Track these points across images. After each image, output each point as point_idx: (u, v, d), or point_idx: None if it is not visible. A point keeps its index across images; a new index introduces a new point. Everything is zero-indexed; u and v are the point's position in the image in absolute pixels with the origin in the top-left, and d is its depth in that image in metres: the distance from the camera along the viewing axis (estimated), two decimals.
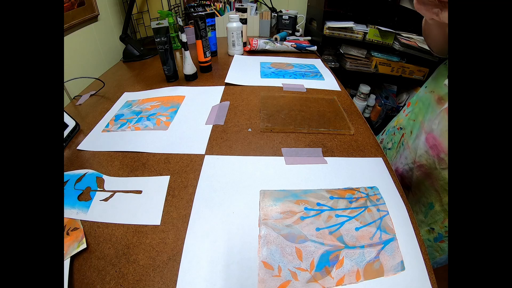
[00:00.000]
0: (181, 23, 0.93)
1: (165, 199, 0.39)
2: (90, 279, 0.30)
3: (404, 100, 1.42)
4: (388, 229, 0.35)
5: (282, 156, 0.46)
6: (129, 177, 0.43)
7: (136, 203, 0.39)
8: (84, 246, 0.33)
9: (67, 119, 0.54)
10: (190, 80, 0.74)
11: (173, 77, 0.74)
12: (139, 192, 0.41)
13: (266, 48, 0.94)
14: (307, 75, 0.77)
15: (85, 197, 0.40)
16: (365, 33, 1.17)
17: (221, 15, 1.15)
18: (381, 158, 0.46)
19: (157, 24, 0.65)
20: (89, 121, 0.59)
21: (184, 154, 0.47)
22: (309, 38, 1.11)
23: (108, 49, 0.95)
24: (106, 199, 0.39)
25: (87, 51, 0.84)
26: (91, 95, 0.72)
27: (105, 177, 0.43)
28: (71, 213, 0.38)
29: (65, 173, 0.44)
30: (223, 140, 0.50)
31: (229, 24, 0.87)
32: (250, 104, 0.62)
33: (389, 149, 0.64)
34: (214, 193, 0.40)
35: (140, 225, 0.36)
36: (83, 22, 0.81)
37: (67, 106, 0.69)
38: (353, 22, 1.16)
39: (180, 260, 0.32)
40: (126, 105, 0.65)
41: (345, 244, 0.33)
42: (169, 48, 0.69)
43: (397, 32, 1.14)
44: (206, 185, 0.41)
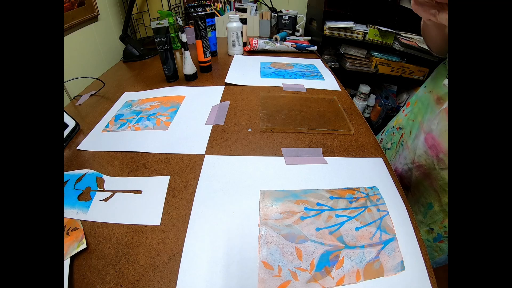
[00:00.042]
0: (181, 23, 0.93)
1: (165, 199, 0.39)
2: (90, 279, 0.30)
3: (404, 100, 1.42)
4: (388, 229, 0.35)
5: (282, 156, 0.46)
6: (129, 177, 0.43)
7: (136, 203, 0.39)
8: (84, 246, 0.33)
9: (67, 119, 0.54)
10: (190, 80, 0.74)
11: (173, 77, 0.74)
12: (139, 192, 0.41)
13: (266, 48, 0.94)
14: (307, 75, 0.77)
15: (85, 197, 0.40)
16: (365, 33, 1.17)
17: (221, 15, 1.15)
18: (381, 158, 0.46)
19: (157, 24, 0.65)
20: (89, 121, 0.59)
21: (184, 154, 0.47)
22: (309, 38, 1.11)
23: (108, 49, 0.95)
24: (106, 199, 0.39)
25: (87, 51, 0.84)
26: (91, 95, 0.72)
27: (105, 177, 0.43)
28: (71, 213, 0.38)
29: (65, 173, 0.44)
30: (223, 140, 0.50)
31: (229, 24, 0.87)
32: (250, 104, 0.62)
33: (388, 149, 0.64)
34: (214, 193, 0.40)
35: (140, 225, 0.36)
36: (83, 22, 0.81)
37: (67, 106, 0.69)
38: (353, 22, 1.16)
39: (180, 260, 0.32)
40: (126, 105, 0.65)
41: (345, 244, 0.33)
42: (169, 48, 0.69)
43: (397, 32, 1.14)
44: (206, 185, 0.41)
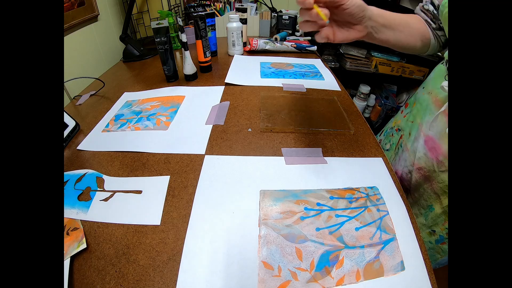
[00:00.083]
0: (181, 23, 0.93)
1: (165, 199, 0.39)
2: (90, 279, 0.30)
3: (404, 100, 1.42)
4: (388, 229, 0.35)
5: (282, 156, 0.46)
6: (129, 177, 0.43)
7: (136, 203, 0.39)
8: (84, 246, 0.33)
9: (67, 119, 0.54)
10: (190, 80, 0.74)
11: (173, 77, 0.74)
12: (139, 192, 0.41)
13: (266, 48, 0.94)
14: (307, 75, 0.77)
15: (85, 197, 0.40)
16: None
17: (221, 15, 1.15)
18: (381, 158, 0.46)
19: (157, 24, 0.64)
20: (89, 121, 0.59)
21: (184, 154, 0.47)
22: (309, 38, 1.11)
23: (108, 49, 0.95)
24: (106, 199, 0.39)
25: (87, 51, 0.84)
26: (91, 95, 0.72)
27: (105, 177, 0.43)
28: (71, 213, 0.38)
29: (65, 173, 0.44)
30: (223, 140, 0.50)
31: (229, 24, 0.87)
32: (250, 104, 0.62)
33: (387, 150, 0.64)
34: (214, 193, 0.40)
35: (140, 225, 0.36)
36: (83, 22, 0.81)
37: (67, 106, 0.69)
38: None
39: (180, 260, 0.32)
40: (126, 105, 0.65)
41: (345, 244, 0.33)
42: (169, 48, 0.69)
43: None
44: (206, 185, 0.41)
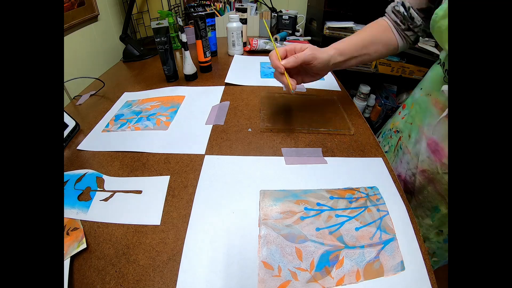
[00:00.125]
0: (181, 23, 0.93)
1: (165, 199, 0.39)
2: (90, 279, 0.30)
3: (404, 100, 1.41)
4: (388, 229, 0.35)
5: (282, 156, 0.46)
6: (129, 177, 0.43)
7: (136, 203, 0.39)
8: (84, 246, 0.33)
9: (67, 119, 0.54)
10: (190, 80, 0.74)
11: (173, 77, 0.74)
12: (139, 192, 0.41)
13: (266, 48, 0.94)
14: None
15: (85, 197, 0.40)
16: None
17: (221, 15, 1.15)
18: (381, 158, 0.46)
19: (157, 24, 0.64)
20: (89, 121, 0.59)
21: (184, 154, 0.47)
22: (309, 38, 1.11)
23: (108, 49, 0.95)
24: (106, 199, 0.39)
25: (87, 51, 0.84)
26: (91, 95, 0.72)
27: (105, 177, 0.43)
28: (71, 213, 0.38)
29: (65, 173, 0.44)
30: (223, 140, 0.50)
31: (229, 24, 0.87)
32: (250, 104, 0.62)
33: (386, 152, 0.64)
34: (214, 193, 0.40)
35: (140, 225, 0.36)
36: (83, 22, 0.81)
37: (67, 106, 0.69)
38: (353, 22, 1.16)
39: (180, 260, 0.32)
40: (126, 105, 0.65)
41: (345, 244, 0.33)
42: (169, 48, 0.69)
43: None
44: (206, 185, 0.41)
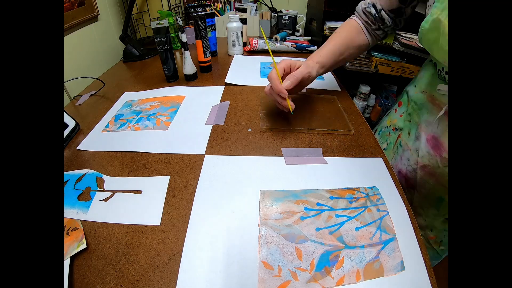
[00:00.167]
0: (181, 23, 0.93)
1: (165, 199, 0.39)
2: (90, 279, 0.30)
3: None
4: (388, 229, 0.35)
5: (282, 156, 0.46)
6: (129, 177, 0.43)
7: (136, 203, 0.39)
8: (84, 246, 0.33)
9: (67, 119, 0.54)
10: (190, 80, 0.74)
11: (173, 77, 0.74)
12: (139, 192, 0.41)
13: (266, 48, 0.94)
14: None
15: (85, 197, 0.40)
16: None
17: (221, 15, 1.15)
18: (381, 158, 0.46)
19: (157, 24, 0.64)
20: (89, 121, 0.59)
21: (184, 154, 0.47)
22: (309, 38, 1.11)
23: (108, 49, 0.95)
24: (106, 199, 0.39)
25: (87, 51, 0.84)
26: (91, 95, 0.72)
27: (105, 177, 0.43)
28: (71, 213, 0.38)
29: (65, 173, 0.44)
30: (223, 140, 0.50)
31: (229, 24, 0.87)
32: (250, 104, 0.62)
33: (384, 149, 0.64)
34: (214, 193, 0.40)
35: (140, 225, 0.36)
36: (83, 22, 0.81)
37: (67, 106, 0.69)
38: None
39: (180, 260, 0.32)
40: (126, 105, 0.65)
41: (345, 244, 0.33)
42: (169, 48, 0.69)
43: (397, 32, 1.14)
44: (206, 185, 0.41)
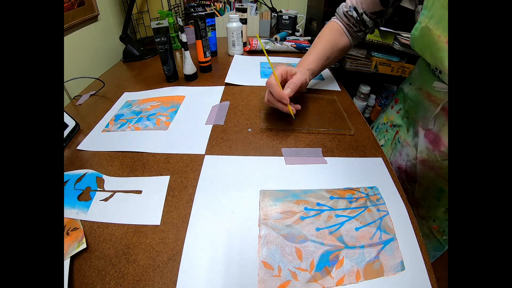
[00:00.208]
0: (181, 23, 0.93)
1: (165, 199, 0.39)
2: (90, 279, 0.30)
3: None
4: (388, 229, 0.35)
5: (282, 156, 0.46)
6: (129, 177, 0.43)
7: (136, 203, 0.39)
8: (84, 246, 0.33)
9: (67, 119, 0.54)
10: (190, 80, 0.74)
11: (173, 77, 0.74)
12: (139, 192, 0.41)
13: (266, 48, 0.94)
14: None
15: (85, 197, 0.40)
16: None
17: (221, 15, 1.15)
18: (381, 158, 0.46)
19: (157, 24, 0.64)
20: (89, 121, 0.59)
21: (184, 154, 0.47)
22: (309, 38, 1.11)
23: (108, 49, 0.95)
24: (106, 199, 0.39)
25: (87, 51, 0.84)
26: (91, 95, 0.72)
27: (105, 177, 0.43)
28: (71, 213, 0.38)
29: (65, 173, 0.44)
30: (223, 140, 0.50)
31: (229, 24, 0.87)
32: (250, 104, 0.62)
33: (382, 145, 0.65)
34: (214, 193, 0.40)
35: (140, 225, 0.36)
36: (83, 22, 0.81)
37: (67, 106, 0.69)
38: None
39: (180, 260, 0.32)
40: (126, 105, 0.65)
41: (345, 244, 0.33)
42: (169, 48, 0.69)
43: (397, 32, 1.14)
44: (206, 185, 0.41)
